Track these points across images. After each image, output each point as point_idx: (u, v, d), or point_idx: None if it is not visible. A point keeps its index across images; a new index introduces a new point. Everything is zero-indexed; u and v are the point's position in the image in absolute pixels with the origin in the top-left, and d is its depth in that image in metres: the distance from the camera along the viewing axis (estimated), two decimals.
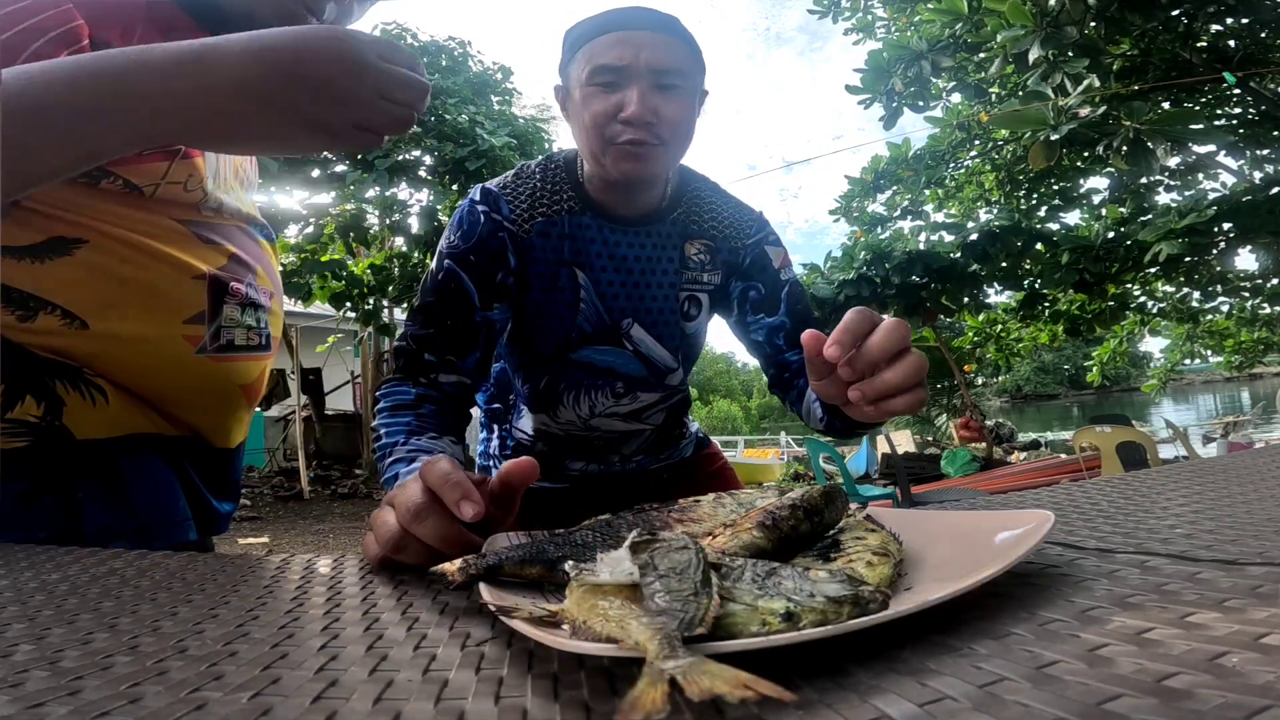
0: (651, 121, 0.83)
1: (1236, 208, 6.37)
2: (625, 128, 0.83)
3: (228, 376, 0.83)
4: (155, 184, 0.75)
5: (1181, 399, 30.43)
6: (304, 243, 7.68)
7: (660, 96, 0.85)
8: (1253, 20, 6.20)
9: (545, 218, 0.91)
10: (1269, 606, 0.26)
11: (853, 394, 0.57)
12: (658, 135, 0.84)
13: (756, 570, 0.30)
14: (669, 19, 0.88)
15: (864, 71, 6.91)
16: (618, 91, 0.84)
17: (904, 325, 0.56)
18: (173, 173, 0.75)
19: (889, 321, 0.56)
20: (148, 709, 0.25)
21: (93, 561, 0.54)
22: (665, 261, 0.96)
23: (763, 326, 0.97)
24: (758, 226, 1.00)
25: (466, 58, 9.45)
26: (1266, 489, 0.53)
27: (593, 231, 0.92)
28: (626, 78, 0.84)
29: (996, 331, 10.26)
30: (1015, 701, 0.20)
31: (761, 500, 0.45)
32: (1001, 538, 0.36)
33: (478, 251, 0.88)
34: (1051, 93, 5.24)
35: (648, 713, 0.19)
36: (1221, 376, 38.28)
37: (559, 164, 0.95)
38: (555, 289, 0.92)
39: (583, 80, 0.86)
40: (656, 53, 0.84)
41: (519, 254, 0.90)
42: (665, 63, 0.85)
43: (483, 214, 0.89)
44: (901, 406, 0.57)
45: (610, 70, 0.84)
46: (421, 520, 0.47)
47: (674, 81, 0.85)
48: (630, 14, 0.87)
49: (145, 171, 0.74)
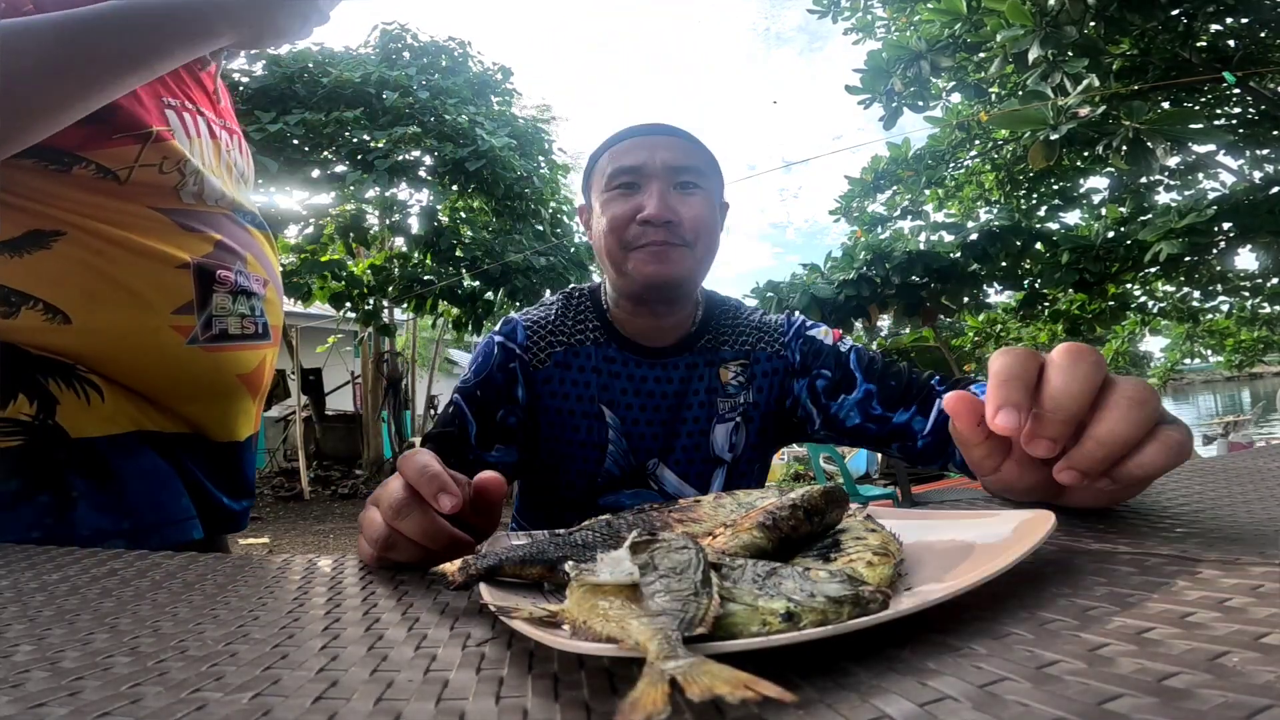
0: (672, 220, 0.81)
1: (1236, 207, 6.37)
2: (646, 229, 0.81)
3: (224, 367, 0.82)
4: (129, 167, 0.74)
5: (1181, 398, 30.43)
6: (304, 243, 7.68)
7: (679, 196, 0.82)
8: (1253, 20, 6.19)
9: (565, 347, 0.87)
10: (1269, 606, 0.26)
11: (1066, 476, 0.39)
12: (680, 236, 0.81)
13: (757, 570, 0.30)
14: (683, 129, 0.87)
15: (864, 71, 6.91)
16: (636, 193, 0.82)
17: (1084, 350, 0.39)
18: (145, 155, 0.75)
19: (1064, 350, 0.39)
20: (148, 709, 0.25)
21: (92, 562, 0.54)
22: (697, 394, 0.88)
23: (850, 406, 0.84)
24: (789, 323, 0.94)
25: (466, 58, 9.45)
26: (1266, 489, 0.53)
27: (619, 365, 0.87)
28: (644, 177, 0.82)
29: (996, 331, 10.27)
30: (1015, 701, 0.20)
31: (761, 500, 0.45)
32: (1001, 538, 0.36)
33: (484, 386, 0.85)
34: (1051, 92, 5.23)
35: (649, 713, 0.19)
36: (1221, 376, 38.29)
37: (583, 293, 0.93)
38: (580, 427, 0.86)
39: (602, 188, 0.85)
40: (673, 152, 0.83)
41: (530, 386, 0.86)
42: (682, 160, 0.83)
43: (498, 344, 0.87)
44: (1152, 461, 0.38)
45: (628, 171, 0.83)
46: (404, 516, 0.46)
47: (692, 180, 0.83)
48: (645, 125, 0.87)
49: (117, 156, 0.73)
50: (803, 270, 7.88)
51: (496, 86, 9.59)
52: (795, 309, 1.01)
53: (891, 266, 7.24)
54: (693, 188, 0.83)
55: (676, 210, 0.81)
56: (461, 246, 7.99)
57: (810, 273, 7.81)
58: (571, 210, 9.54)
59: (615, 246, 0.83)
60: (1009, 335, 10.27)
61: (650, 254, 0.81)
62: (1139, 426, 0.37)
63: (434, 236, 7.79)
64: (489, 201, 8.36)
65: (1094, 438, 0.38)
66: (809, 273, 7.81)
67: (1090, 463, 0.38)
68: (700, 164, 0.85)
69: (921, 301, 7.50)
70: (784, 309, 7.27)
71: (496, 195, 7.96)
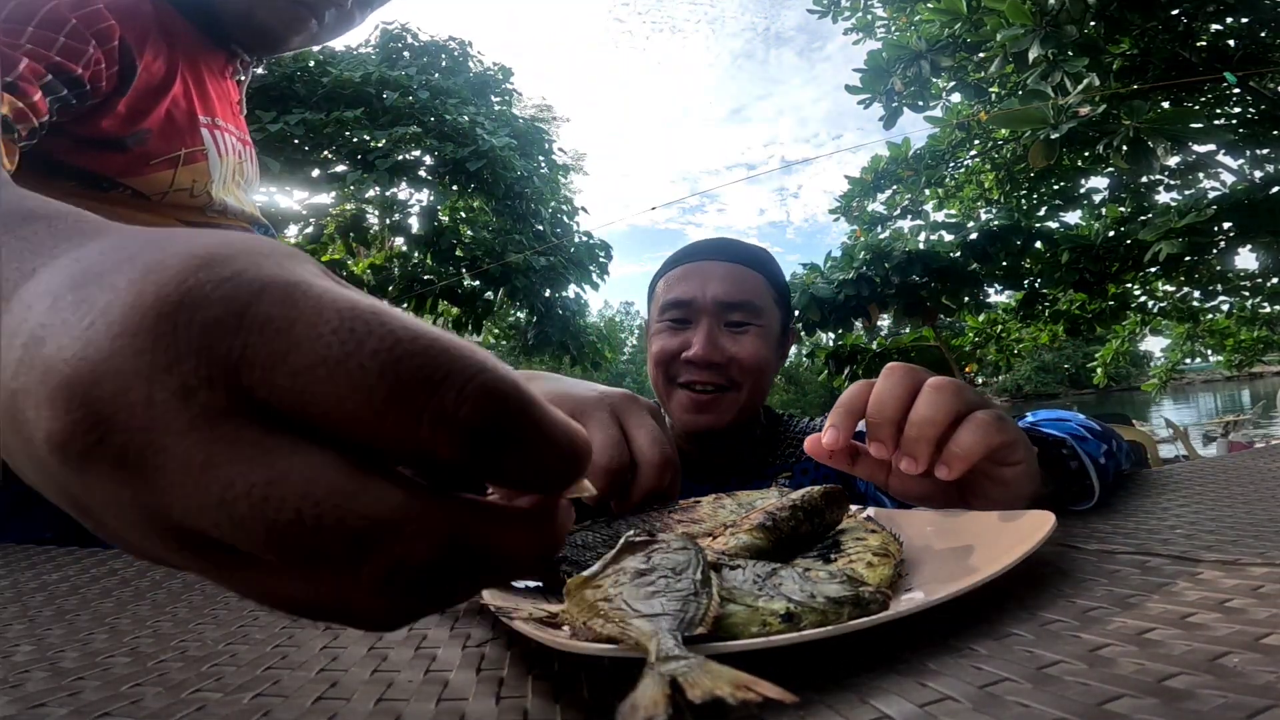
0: (719, 362, 0.77)
1: (1236, 207, 6.37)
2: (689, 367, 0.77)
3: None
4: (163, 192, 0.75)
5: (1181, 398, 30.45)
6: (304, 243, 7.69)
7: (731, 335, 0.78)
8: (1253, 20, 6.20)
9: None
10: (1270, 607, 0.26)
11: (905, 464, 0.44)
12: (729, 377, 0.77)
13: (757, 571, 0.30)
14: (744, 248, 0.82)
15: (864, 71, 6.91)
16: (686, 329, 0.79)
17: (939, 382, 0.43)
18: (179, 179, 0.76)
19: (932, 385, 0.43)
20: (148, 709, 0.25)
21: (92, 562, 0.54)
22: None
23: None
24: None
25: (466, 58, 9.46)
26: (1267, 489, 0.53)
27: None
28: (695, 312, 0.78)
29: (997, 331, 10.26)
30: (1015, 702, 0.20)
31: (761, 501, 0.45)
32: (1002, 538, 0.36)
33: None
34: (1051, 92, 5.24)
35: (648, 714, 0.19)
36: (1222, 376, 38.30)
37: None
38: None
39: (656, 316, 0.82)
40: (727, 285, 0.79)
41: None
42: (735, 296, 0.78)
43: None
44: (967, 439, 0.42)
45: (678, 305, 0.79)
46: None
47: (745, 319, 0.79)
48: (704, 245, 0.83)
49: (153, 182, 0.75)
50: (803, 270, 7.89)
51: (496, 86, 9.61)
52: (795, 309, 1.01)
53: (891, 266, 7.24)
54: (746, 327, 0.79)
55: (725, 350, 0.77)
56: (461, 246, 7.99)
57: (810, 272, 7.81)
58: (572, 210, 9.54)
59: (661, 380, 0.80)
60: (1009, 335, 10.28)
61: (692, 400, 0.78)
62: (939, 408, 0.42)
63: (434, 236, 7.79)
64: (489, 201, 8.36)
65: (908, 423, 0.43)
66: (809, 272, 7.81)
67: (910, 445, 0.43)
68: (756, 297, 0.80)
69: (921, 301, 7.51)
70: None
71: (497, 195, 7.97)
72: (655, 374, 0.81)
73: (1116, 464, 0.56)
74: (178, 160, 0.76)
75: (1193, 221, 6.18)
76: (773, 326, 0.82)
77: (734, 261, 0.81)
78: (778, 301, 0.83)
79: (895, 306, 7.45)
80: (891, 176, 8.75)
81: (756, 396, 0.80)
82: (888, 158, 8.68)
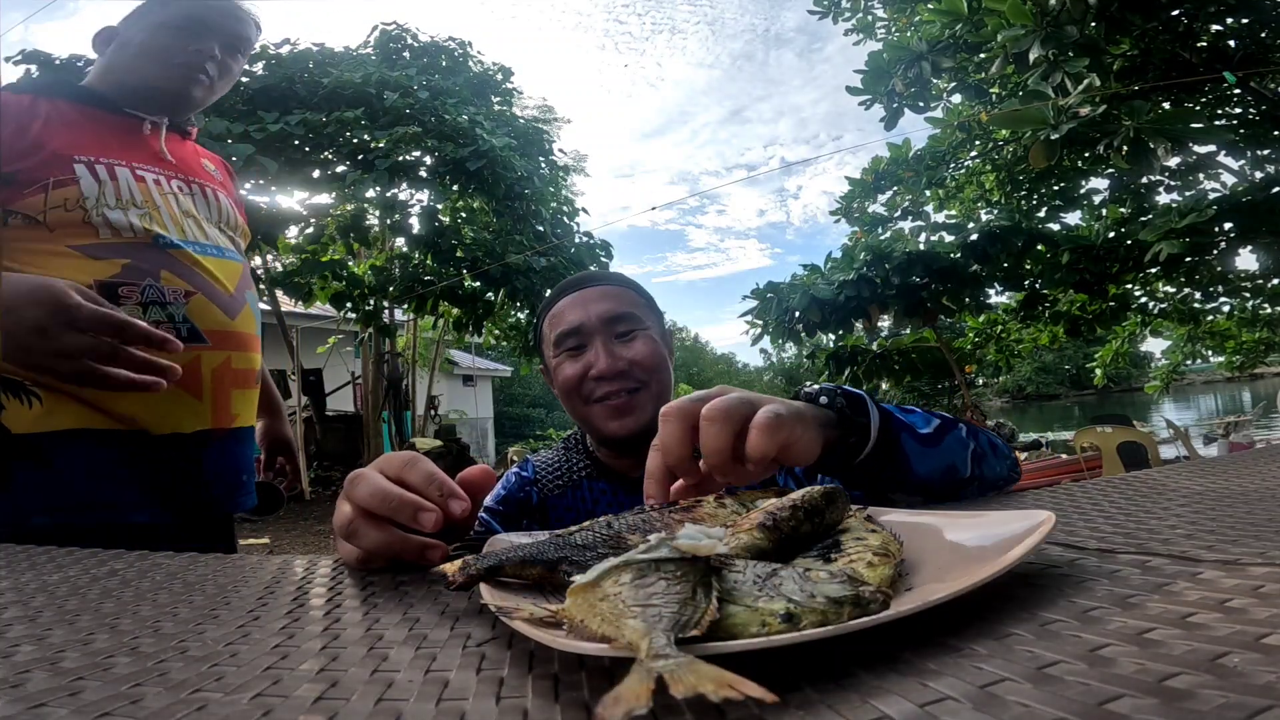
0: (623, 369, 0.85)
1: (1236, 208, 6.36)
2: (600, 383, 0.85)
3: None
4: (42, 212, 0.93)
5: (1182, 399, 30.42)
6: (304, 243, 7.68)
7: (623, 344, 0.87)
8: (1253, 20, 6.19)
9: (561, 488, 0.93)
10: (1270, 607, 0.26)
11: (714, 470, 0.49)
12: (635, 379, 0.86)
13: (757, 571, 0.30)
14: (608, 274, 0.93)
15: (864, 72, 6.90)
16: (584, 353, 0.87)
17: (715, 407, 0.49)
18: (51, 199, 0.94)
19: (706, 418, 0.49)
20: (148, 709, 0.25)
21: (93, 562, 0.54)
22: None
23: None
24: None
25: (466, 58, 9.46)
26: (1267, 489, 0.53)
27: (609, 497, 0.91)
28: (586, 335, 0.87)
29: (997, 332, 10.25)
30: (1016, 702, 0.20)
31: (762, 501, 0.45)
32: (1002, 538, 0.36)
33: (505, 503, 0.92)
34: (1052, 92, 5.23)
35: (630, 708, 0.19)
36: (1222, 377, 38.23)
37: (576, 435, 0.97)
38: None
39: (552, 354, 0.90)
40: (607, 303, 0.88)
41: (543, 512, 0.92)
42: (616, 309, 0.88)
43: (514, 474, 0.94)
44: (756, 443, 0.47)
45: (570, 334, 0.88)
46: (359, 537, 0.48)
47: (630, 327, 0.88)
48: (573, 280, 0.93)
49: (30, 205, 0.93)
50: (802, 271, 7.88)
51: (496, 86, 9.60)
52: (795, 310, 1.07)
53: (892, 267, 7.23)
54: (633, 333, 0.88)
55: (624, 356, 0.86)
56: (462, 247, 7.98)
57: (810, 273, 7.79)
58: (572, 210, 9.54)
59: (578, 404, 0.88)
60: (1009, 336, 10.26)
61: (610, 410, 0.85)
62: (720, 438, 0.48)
63: (434, 237, 7.78)
64: (489, 202, 8.35)
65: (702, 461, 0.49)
66: (809, 273, 7.80)
67: (715, 472, 0.49)
68: (633, 307, 0.90)
69: (922, 302, 7.49)
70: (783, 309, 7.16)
71: (497, 195, 7.95)
72: (569, 402, 0.89)
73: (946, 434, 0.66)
74: (47, 186, 0.94)
75: (1193, 222, 6.17)
76: (655, 328, 0.92)
77: (604, 284, 0.92)
78: (649, 308, 0.94)
79: (896, 307, 7.43)
80: (892, 177, 8.74)
81: (665, 390, 0.89)
82: (888, 159, 8.67)
